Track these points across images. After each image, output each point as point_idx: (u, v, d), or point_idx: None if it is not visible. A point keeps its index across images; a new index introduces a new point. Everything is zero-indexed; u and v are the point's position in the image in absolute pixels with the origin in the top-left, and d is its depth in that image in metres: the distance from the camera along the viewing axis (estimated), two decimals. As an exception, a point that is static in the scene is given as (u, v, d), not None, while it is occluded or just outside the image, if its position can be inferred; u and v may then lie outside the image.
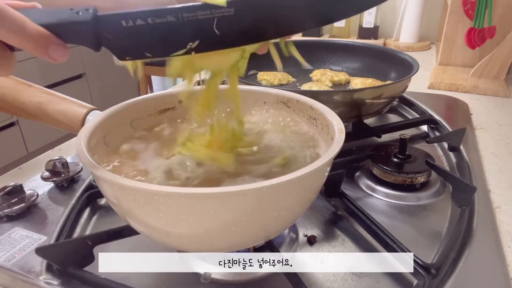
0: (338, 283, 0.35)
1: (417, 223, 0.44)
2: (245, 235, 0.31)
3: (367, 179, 0.51)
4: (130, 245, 0.40)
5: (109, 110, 0.39)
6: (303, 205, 0.33)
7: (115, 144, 0.39)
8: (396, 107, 0.75)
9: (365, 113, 0.58)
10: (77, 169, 0.53)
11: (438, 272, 0.35)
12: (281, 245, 0.40)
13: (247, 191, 0.26)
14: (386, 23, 1.33)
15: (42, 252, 0.36)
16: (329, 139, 0.37)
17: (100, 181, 0.31)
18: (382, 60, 0.73)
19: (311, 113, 0.41)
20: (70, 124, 0.45)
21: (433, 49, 1.23)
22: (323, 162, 0.29)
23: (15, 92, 0.45)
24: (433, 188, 0.49)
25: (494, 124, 0.69)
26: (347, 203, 0.44)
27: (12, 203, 0.46)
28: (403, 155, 0.51)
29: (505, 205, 0.47)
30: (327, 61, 0.80)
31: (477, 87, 0.84)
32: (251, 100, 0.46)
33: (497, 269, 0.37)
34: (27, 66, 2.17)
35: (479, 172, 0.52)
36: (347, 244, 0.41)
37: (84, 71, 2.55)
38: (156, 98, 0.44)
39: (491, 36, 0.87)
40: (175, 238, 0.31)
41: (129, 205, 0.29)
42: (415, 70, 0.60)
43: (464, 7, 0.90)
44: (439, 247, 0.40)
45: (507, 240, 0.41)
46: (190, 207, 0.27)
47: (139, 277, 0.37)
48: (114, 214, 0.44)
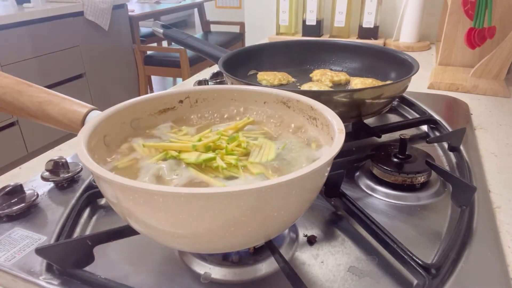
0: (338, 283, 0.35)
1: (417, 223, 0.43)
2: (245, 235, 0.31)
3: (367, 179, 0.51)
4: (130, 245, 0.40)
5: (109, 110, 0.39)
6: (303, 205, 0.33)
7: (115, 144, 0.39)
8: (396, 107, 0.75)
9: (365, 113, 0.58)
10: (77, 169, 0.53)
11: (438, 272, 0.35)
12: (281, 245, 0.40)
13: (247, 191, 0.26)
14: (386, 23, 1.33)
15: (42, 252, 0.36)
16: (329, 139, 0.37)
17: (100, 181, 0.31)
18: (382, 60, 0.73)
19: (311, 113, 0.41)
20: (70, 124, 0.45)
21: (433, 49, 1.23)
22: (323, 162, 0.29)
23: (15, 92, 0.45)
24: (433, 188, 0.49)
25: (494, 124, 0.69)
26: (347, 203, 0.44)
27: (12, 203, 0.46)
28: (403, 155, 0.51)
29: (505, 205, 0.47)
30: (327, 61, 0.80)
31: (477, 87, 0.84)
32: (251, 100, 0.46)
33: (497, 269, 0.37)
34: (27, 66, 2.17)
35: (479, 172, 0.52)
36: (347, 244, 0.41)
37: (84, 71, 2.55)
38: (156, 98, 0.44)
39: (491, 36, 0.87)
40: (175, 238, 0.31)
41: (129, 205, 0.29)
42: (415, 70, 0.60)
43: (464, 7, 0.90)
44: (439, 247, 0.40)
45: (507, 240, 0.41)
46: (190, 207, 0.27)
47: (139, 277, 0.37)
48: (114, 214, 0.45)
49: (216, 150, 0.37)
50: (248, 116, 0.45)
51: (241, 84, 0.56)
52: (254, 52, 0.77)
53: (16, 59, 2.11)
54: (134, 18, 2.95)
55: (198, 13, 3.77)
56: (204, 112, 0.46)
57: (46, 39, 2.26)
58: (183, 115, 0.46)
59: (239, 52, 0.74)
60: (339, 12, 1.28)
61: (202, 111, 0.46)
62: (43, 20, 2.22)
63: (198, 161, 0.35)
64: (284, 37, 1.38)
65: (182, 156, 0.36)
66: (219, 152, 0.36)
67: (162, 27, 0.83)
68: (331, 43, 0.81)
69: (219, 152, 0.36)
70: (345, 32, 1.31)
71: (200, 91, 0.46)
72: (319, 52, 0.80)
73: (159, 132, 0.42)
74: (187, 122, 0.45)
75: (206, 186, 0.33)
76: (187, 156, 0.36)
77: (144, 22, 3.34)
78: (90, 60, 2.57)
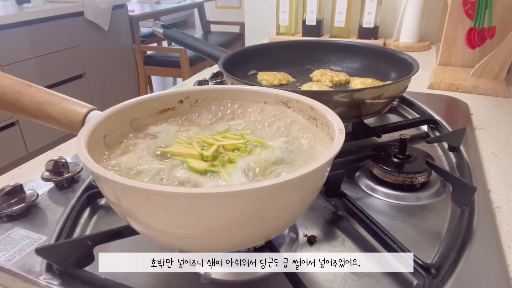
0: (338, 283, 0.35)
1: (417, 223, 0.43)
2: (245, 235, 0.31)
3: (367, 179, 0.51)
4: (130, 245, 0.40)
5: (109, 110, 0.39)
6: (303, 205, 0.33)
7: (115, 144, 0.39)
8: (396, 107, 0.75)
9: (365, 113, 0.58)
10: (77, 169, 0.53)
11: (438, 272, 0.35)
12: (281, 245, 0.40)
13: (247, 191, 0.26)
14: (386, 23, 1.33)
15: (42, 252, 0.36)
16: (329, 139, 0.37)
17: (100, 181, 0.31)
18: (382, 60, 0.73)
19: (311, 113, 0.41)
20: (70, 124, 0.45)
21: (433, 49, 1.23)
22: (323, 162, 0.29)
23: (15, 92, 0.45)
24: (433, 188, 0.49)
25: (494, 124, 0.69)
26: (347, 203, 0.43)
27: (12, 203, 0.46)
28: (403, 155, 0.51)
29: (505, 205, 0.47)
30: (327, 61, 0.80)
31: (477, 87, 0.84)
32: (251, 100, 0.46)
33: (497, 269, 0.37)
34: (27, 66, 2.17)
35: (479, 172, 0.52)
36: (347, 244, 0.41)
37: (84, 71, 2.55)
38: (156, 98, 0.44)
39: (491, 36, 0.87)
40: (175, 238, 0.31)
41: (129, 205, 0.29)
42: (415, 70, 0.60)
43: (464, 7, 0.90)
44: (439, 247, 0.40)
45: (507, 240, 0.41)
46: (190, 207, 0.27)
47: (139, 277, 0.37)
48: (114, 214, 0.45)
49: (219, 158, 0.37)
50: (246, 119, 0.45)
51: (241, 84, 0.56)
52: (254, 52, 0.77)
53: (16, 59, 2.11)
54: (134, 18, 2.95)
55: (198, 13, 3.77)
56: (204, 112, 0.46)
57: (46, 39, 2.26)
58: (183, 115, 0.46)
59: (239, 52, 0.74)
60: (339, 12, 1.28)
61: (202, 111, 0.46)
62: (43, 20, 2.22)
63: (203, 170, 0.35)
64: (284, 37, 1.37)
65: (189, 163, 0.36)
66: (221, 160, 0.36)
67: (162, 27, 0.83)
68: (331, 43, 0.81)
69: (221, 160, 0.36)
70: (345, 32, 1.30)
71: (200, 91, 0.46)
72: (319, 52, 0.80)
73: (159, 131, 0.42)
74: (187, 122, 0.45)
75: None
76: (195, 165, 0.35)
77: (144, 22, 3.34)
78: (90, 60, 2.57)
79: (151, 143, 0.40)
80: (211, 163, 0.35)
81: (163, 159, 0.37)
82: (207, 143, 0.39)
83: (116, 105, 0.40)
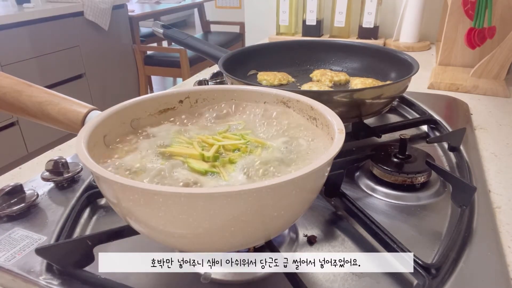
0: (338, 283, 0.35)
1: (417, 223, 0.43)
2: (245, 235, 0.31)
3: (367, 179, 0.51)
4: (130, 245, 0.40)
5: (109, 110, 0.39)
6: (303, 205, 0.33)
7: (115, 144, 0.39)
8: (396, 107, 0.75)
9: (365, 113, 0.58)
10: (77, 169, 0.53)
11: (438, 272, 0.35)
12: (281, 245, 0.40)
13: (247, 191, 0.26)
14: (386, 23, 1.33)
15: (42, 252, 0.36)
16: (329, 139, 0.37)
17: (100, 181, 0.31)
18: (382, 60, 0.73)
19: (311, 113, 0.41)
20: (70, 124, 0.45)
21: (433, 49, 1.23)
22: (323, 162, 0.29)
23: (15, 92, 0.45)
24: (433, 188, 0.49)
25: (494, 124, 0.69)
26: (347, 203, 0.44)
27: (12, 203, 0.46)
28: (403, 155, 0.51)
29: (505, 205, 0.47)
30: (327, 61, 0.80)
31: (477, 87, 0.84)
32: (251, 100, 0.46)
33: (497, 269, 0.37)
34: (27, 66, 2.17)
35: (479, 172, 0.52)
36: (347, 244, 0.41)
37: (84, 71, 2.55)
38: (156, 98, 0.44)
39: (491, 36, 0.87)
40: (175, 238, 0.31)
41: (129, 205, 0.29)
42: (415, 70, 0.60)
43: (464, 7, 0.90)
44: (439, 247, 0.40)
45: (507, 240, 0.41)
46: (190, 207, 0.27)
47: (139, 277, 0.37)
48: (114, 214, 0.45)
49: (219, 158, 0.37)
50: (246, 119, 0.45)
51: (241, 84, 0.56)
52: (254, 52, 0.77)
53: (16, 59, 2.11)
54: (134, 18, 2.95)
55: (198, 13, 3.77)
56: (204, 112, 0.46)
57: (46, 39, 2.26)
58: (183, 115, 0.46)
59: (239, 52, 0.74)
60: (339, 12, 1.28)
61: (202, 111, 0.46)
62: (43, 20, 2.22)
63: (203, 170, 0.35)
64: (284, 37, 1.38)
65: (190, 164, 0.36)
66: (222, 160, 0.36)
67: (162, 27, 0.83)
68: (331, 43, 0.81)
69: (222, 160, 0.36)
70: (345, 32, 1.31)
71: (200, 91, 0.46)
72: (319, 52, 0.80)
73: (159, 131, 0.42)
74: (187, 122, 0.45)
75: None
76: (196, 165, 0.35)
77: (144, 22, 3.34)
78: (90, 60, 2.57)
79: (151, 143, 0.39)
80: (212, 164, 0.35)
81: (163, 159, 0.37)
82: (207, 143, 0.39)
83: (116, 105, 0.40)
